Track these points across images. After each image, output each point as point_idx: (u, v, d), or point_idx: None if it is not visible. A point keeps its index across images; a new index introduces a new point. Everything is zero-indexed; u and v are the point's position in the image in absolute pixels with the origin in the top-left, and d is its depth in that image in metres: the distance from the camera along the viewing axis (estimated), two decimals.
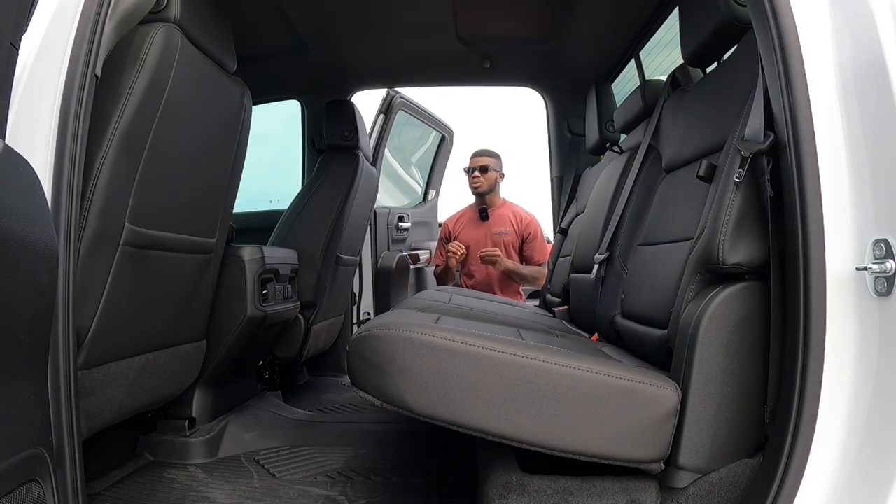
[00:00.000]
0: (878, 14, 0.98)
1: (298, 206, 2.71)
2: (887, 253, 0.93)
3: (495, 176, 3.80)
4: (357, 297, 3.47)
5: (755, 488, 1.08)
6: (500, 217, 3.78)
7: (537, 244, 3.77)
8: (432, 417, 1.17)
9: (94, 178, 1.32)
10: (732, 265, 1.18)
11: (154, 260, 1.56)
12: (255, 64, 2.61)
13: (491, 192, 3.78)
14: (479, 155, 3.83)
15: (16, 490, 0.92)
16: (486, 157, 3.81)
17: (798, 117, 1.03)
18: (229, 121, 1.82)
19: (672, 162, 1.77)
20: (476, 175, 3.77)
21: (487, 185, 3.77)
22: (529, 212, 3.86)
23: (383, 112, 3.57)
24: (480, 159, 3.80)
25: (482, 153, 3.83)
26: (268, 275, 2.15)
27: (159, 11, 1.45)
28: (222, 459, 1.99)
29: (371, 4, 2.50)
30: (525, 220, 3.78)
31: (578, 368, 1.16)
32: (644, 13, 2.55)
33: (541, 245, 3.78)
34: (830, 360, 0.99)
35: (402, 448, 2.08)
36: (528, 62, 3.16)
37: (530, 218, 3.82)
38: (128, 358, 1.55)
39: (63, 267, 1.05)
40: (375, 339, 1.21)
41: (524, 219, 3.78)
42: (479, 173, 3.75)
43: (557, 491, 1.20)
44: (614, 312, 1.87)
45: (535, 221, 3.81)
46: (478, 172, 3.75)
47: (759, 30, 1.13)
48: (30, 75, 1.09)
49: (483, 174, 3.75)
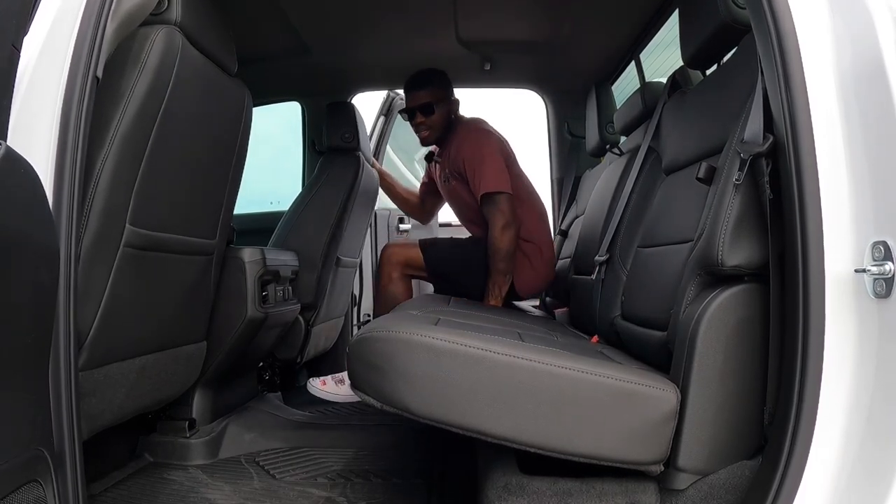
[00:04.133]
0: (877, 17, 0.99)
1: (299, 207, 2.71)
2: (886, 255, 0.93)
3: (446, 110, 2.65)
4: (357, 299, 3.47)
5: (754, 490, 1.08)
6: (447, 155, 2.69)
7: (476, 176, 2.51)
8: (432, 419, 1.17)
9: (94, 180, 1.32)
10: (732, 267, 1.18)
11: (155, 261, 1.57)
12: (255, 66, 2.61)
13: (445, 136, 2.68)
14: (412, 89, 2.65)
15: (17, 490, 0.92)
16: (423, 89, 2.62)
17: (797, 119, 1.03)
18: (230, 123, 1.82)
19: (672, 164, 1.78)
20: (419, 120, 2.65)
21: (438, 130, 2.66)
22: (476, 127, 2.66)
23: (384, 114, 3.57)
24: (417, 96, 2.63)
25: (416, 83, 2.64)
26: (268, 276, 2.15)
27: (160, 13, 1.45)
28: (222, 461, 2.00)
29: (371, 7, 2.51)
30: (460, 155, 2.58)
31: (578, 370, 1.17)
32: (644, 15, 2.55)
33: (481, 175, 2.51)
34: (829, 362, 0.99)
35: (401, 449, 2.08)
36: (528, 64, 3.16)
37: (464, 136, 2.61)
38: (128, 359, 1.55)
39: (64, 268, 1.05)
40: (375, 341, 1.21)
41: (459, 152, 2.59)
42: (422, 117, 2.64)
43: (557, 492, 1.20)
44: (614, 314, 1.87)
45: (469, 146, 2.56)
46: (420, 116, 2.64)
47: (758, 32, 1.13)
48: (31, 77, 1.10)
49: (428, 115, 2.63)
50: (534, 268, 2.66)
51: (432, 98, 2.63)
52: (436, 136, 2.69)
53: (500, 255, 2.51)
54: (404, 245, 2.79)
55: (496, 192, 2.51)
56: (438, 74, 2.69)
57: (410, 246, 2.74)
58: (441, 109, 2.65)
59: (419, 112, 2.64)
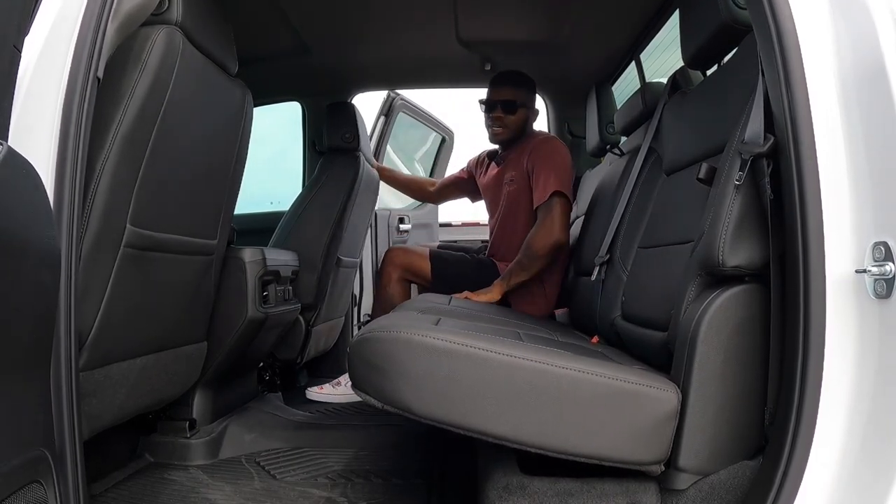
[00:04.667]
0: (878, 17, 0.99)
1: (299, 207, 2.71)
2: (887, 255, 0.93)
3: (525, 116, 2.58)
4: (357, 299, 3.47)
5: (755, 490, 1.08)
6: (515, 158, 2.59)
7: (544, 177, 2.42)
8: (432, 419, 1.17)
9: (95, 180, 1.32)
10: (732, 267, 1.18)
11: (155, 262, 1.57)
12: (256, 66, 2.61)
13: (517, 140, 2.60)
14: (501, 84, 2.56)
15: (18, 491, 0.92)
16: (513, 87, 2.55)
17: (798, 120, 1.03)
18: (230, 123, 1.82)
19: (672, 164, 1.78)
20: (497, 115, 2.54)
21: (512, 131, 2.56)
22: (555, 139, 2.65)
23: (384, 114, 3.57)
24: (504, 91, 2.54)
25: (507, 78, 2.57)
26: (269, 276, 2.15)
27: (161, 13, 1.45)
28: (223, 461, 2.00)
29: (372, 7, 2.51)
30: (532, 157, 2.47)
31: (579, 370, 1.17)
32: (644, 16, 2.55)
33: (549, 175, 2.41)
34: (830, 363, 0.99)
35: (402, 450, 2.08)
36: (528, 64, 3.15)
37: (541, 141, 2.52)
38: (129, 359, 1.55)
39: (65, 269, 1.05)
40: (376, 341, 1.21)
41: (532, 154, 2.48)
42: (501, 112, 2.54)
43: (557, 492, 1.20)
44: (615, 314, 1.87)
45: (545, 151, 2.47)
46: (499, 111, 2.53)
47: (759, 32, 1.13)
48: (32, 77, 1.10)
49: (508, 114, 2.54)
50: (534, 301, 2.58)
51: (519, 98, 2.57)
52: (507, 137, 2.62)
53: (527, 253, 2.42)
54: (408, 251, 2.75)
55: (560, 194, 2.42)
56: (531, 80, 2.66)
57: (415, 253, 2.71)
58: (522, 112, 2.60)
59: (501, 107, 2.55)
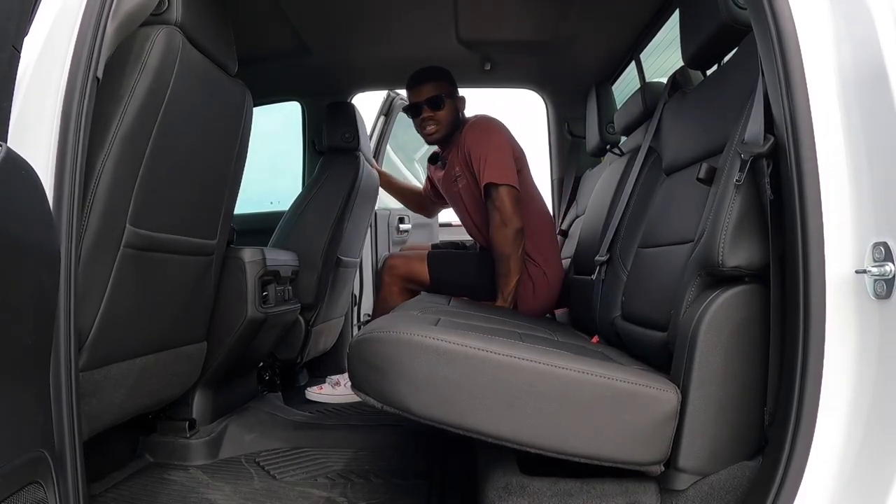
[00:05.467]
0: (878, 17, 0.98)
1: (299, 207, 2.71)
2: (886, 256, 0.93)
3: (454, 107, 2.53)
4: (357, 299, 3.47)
5: (755, 490, 1.08)
6: (454, 153, 2.54)
7: (481, 166, 2.37)
8: (432, 420, 1.17)
9: (95, 180, 1.32)
10: (732, 268, 1.18)
11: (155, 262, 1.57)
12: (255, 66, 2.61)
13: (453, 133, 2.53)
14: (420, 82, 2.50)
15: (18, 492, 0.92)
16: (433, 82, 2.49)
17: (798, 120, 1.03)
18: (230, 122, 1.82)
19: (672, 164, 1.78)
20: (427, 115, 2.49)
21: (446, 126, 2.51)
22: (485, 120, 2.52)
23: (384, 114, 3.57)
24: (424, 89, 2.49)
25: (425, 76, 2.51)
26: (268, 276, 2.15)
27: (161, 13, 1.45)
28: (223, 461, 2.00)
29: (372, 6, 2.51)
30: (467, 147, 2.43)
31: (579, 371, 1.17)
32: (644, 15, 2.55)
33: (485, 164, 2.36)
34: (830, 363, 0.99)
35: (402, 450, 2.08)
36: (528, 64, 3.16)
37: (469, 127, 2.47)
38: (129, 359, 1.55)
39: (65, 269, 1.05)
40: (376, 341, 1.21)
41: (466, 145, 2.44)
42: (430, 111, 2.49)
43: (557, 493, 1.20)
44: (615, 314, 1.87)
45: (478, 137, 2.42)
46: (428, 110, 2.48)
47: (759, 32, 1.13)
48: (32, 77, 1.10)
49: (436, 110, 2.48)
50: (536, 295, 2.51)
51: (441, 91, 2.52)
52: (443, 134, 2.56)
53: (498, 257, 2.39)
54: (407, 258, 2.68)
55: (498, 184, 2.35)
56: (444, 71, 2.60)
57: (414, 259, 2.64)
58: (449, 104, 2.53)
59: (427, 106, 2.50)
